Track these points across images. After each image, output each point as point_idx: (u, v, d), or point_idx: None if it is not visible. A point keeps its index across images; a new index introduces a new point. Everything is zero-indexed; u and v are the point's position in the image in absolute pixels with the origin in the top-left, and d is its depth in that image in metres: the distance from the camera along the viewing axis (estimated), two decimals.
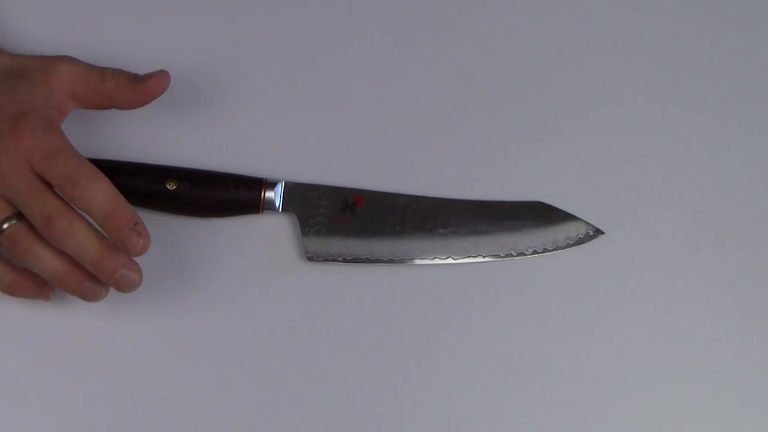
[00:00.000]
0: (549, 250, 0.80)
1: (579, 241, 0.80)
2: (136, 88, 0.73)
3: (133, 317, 0.77)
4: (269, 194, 0.78)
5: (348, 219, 0.79)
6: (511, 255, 0.79)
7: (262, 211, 0.78)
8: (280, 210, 0.78)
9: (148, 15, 0.82)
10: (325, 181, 0.80)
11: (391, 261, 0.79)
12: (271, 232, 0.79)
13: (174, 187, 0.77)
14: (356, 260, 0.78)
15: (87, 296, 0.72)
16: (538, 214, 0.80)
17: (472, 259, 0.79)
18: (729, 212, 0.82)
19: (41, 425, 0.75)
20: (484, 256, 0.79)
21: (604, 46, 0.84)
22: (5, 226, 0.70)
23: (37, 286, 0.73)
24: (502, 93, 0.83)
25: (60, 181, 0.69)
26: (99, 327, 0.77)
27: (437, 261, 0.79)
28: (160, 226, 0.78)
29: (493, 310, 0.79)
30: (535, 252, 0.80)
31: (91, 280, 0.72)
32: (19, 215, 0.70)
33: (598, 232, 0.80)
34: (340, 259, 0.78)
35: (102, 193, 0.69)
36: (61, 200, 0.70)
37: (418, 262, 0.79)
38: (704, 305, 0.80)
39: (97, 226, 0.70)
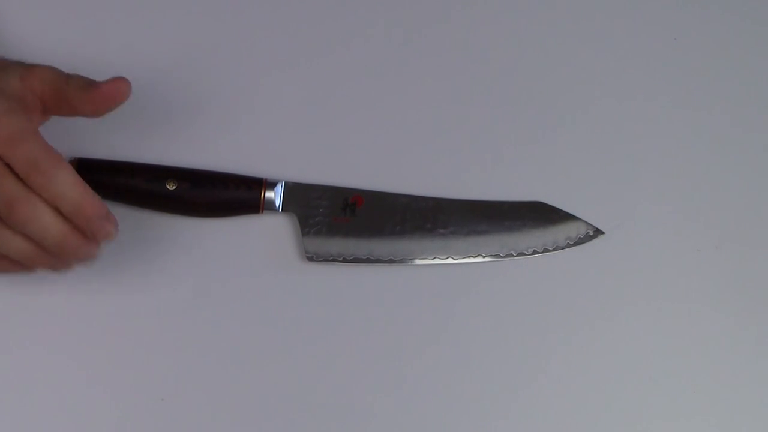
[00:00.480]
0: (549, 250, 0.80)
1: (579, 241, 0.80)
2: (92, 93, 0.71)
3: (133, 317, 0.77)
4: (269, 194, 0.78)
5: (348, 219, 0.79)
6: (511, 255, 0.79)
7: (262, 211, 0.78)
8: (280, 210, 0.78)
9: (147, 15, 0.82)
10: (325, 181, 0.80)
11: (391, 261, 0.79)
12: (271, 232, 0.79)
13: (174, 187, 0.77)
14: (356, 260, 0.78)
15: (57, 269, 0.72)
16: (538, 214, 0.80)
17: (472, 259, 0.79)
18: (729, 212, 0.82)
19: (40, 425, 0.75)
20: (484, 256, 0.79)
21: (604, 46, 0.84)
22: None
23: (13, 263, 0.72)
24: (502, 93, 0.83)
25: (24, 168, 0.68)
26: (99, 327, 0.77)
27: (437, 261, 0.79)
28: (160, 226, 0.78)
29: (493, 310, 0.79)
30: (535, 252, 0.80)
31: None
32: None
33: (598, 232, 0.80)
34: (340, 259, 0.78)
35: (69, 182, 0.68)
36: (23, 185, 0.68)
37: (418, 262, 0.79)
38: (704, 305, 0.80)
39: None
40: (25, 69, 0.72)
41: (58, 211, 0.69)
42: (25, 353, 0.76)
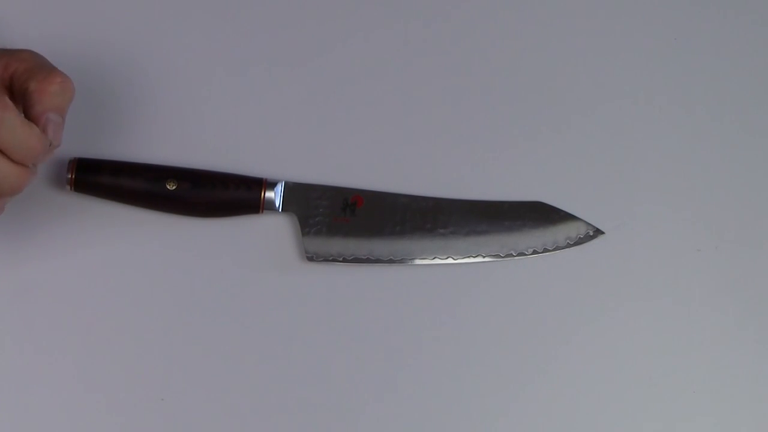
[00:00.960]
0: (549, 250, 0.80)
1: (579, 241, 0.80)
2: (43, 121, 0.68)
3: (133, 317, 0.77)
4: (269, 194, 0.78)
5: (348, 219, 0.79)
6: (511, 255, 0.79)
7: (262, 211, 0.78)
8: (280, 210, 0.78)
9: (146, 14, 0.82)
10: (325, 181, 0.80)
11: (391, 261, 0.79)
12: (271, 232, 0.79)
13: (174, 187, 0.77)
14: (356, 260, 0.78)
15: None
16: (538, 214, 0.80)
17: (472, 259, 0.79)
18: (729, 212, 0.82)
19: (40, 426, 0.75)
20: (484, 256, 0.79)
21: (604, 46, 0.84)
22: None
23: None
24: (503, 93, 0.83)
25: None
26: (98, 327, 0.77)
27: (437, 261, 0.79)
28: (160, 226, 0.78)
29: (493, 310, 0.79)
30: (535, 252, 0.79)
31: None
32: None
33: (598, 232, 0.80)
34: (340, 259, 0.78)
35: (18, 127, 0.66)
36: None
37: (418, 262, 0.79)
38: (704, 305, 0.80)
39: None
40: (7, 51, 0.70)
41: (5, 154, 0.67)
42: (25, 353, 0.76)
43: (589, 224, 0.80)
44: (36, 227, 0.78)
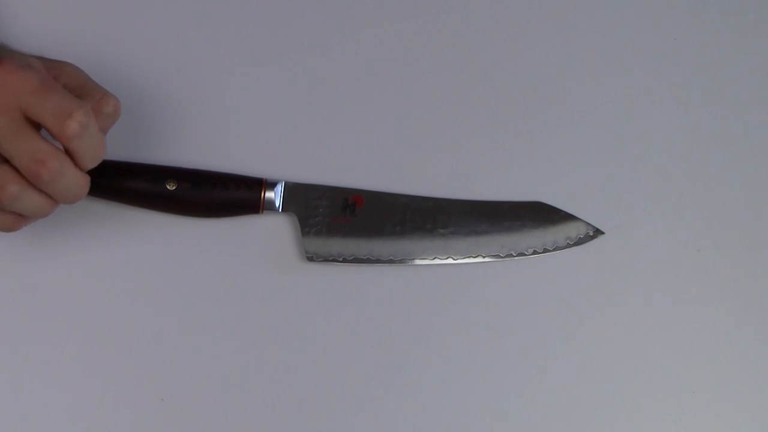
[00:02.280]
0: (549, 250, 0.80)
1: (579, 241, 0.80)
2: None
3: (132, 317, 0.77)
4: (269, 194, 0.78)
5: (348, 219, 0.79)
6: (511, 255, 0.79)
7: (262, 212, 0.78)
8: (280, 210, 0.78)
9: (147, 15, 0.82)
10: (325, 181, 0.80)
11: (391, 261, 0.79)
12: (271, 232, 0.79)
13: (174, 187, 0.77)
14: (356, 260, 0.78)
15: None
16: (538, 214, 0.80)
17: (472, 259, 0.79)
18: (729, 212, 0.82)
19: (39, 425, 0.75)
20: (484, 256, 0.79)
21: (604, 46, 0.84)
22: None
23: (10, 222, 0.71)
24: (503, 93, 0.83)
25: (53, 117, 0.66)
26: (98, 327, 0.77)
27: (437, 261, 0.79)
28: (160, 226, 0.78)
29: (493, 310, 0.79)
30: (535, 252, 0.80)
31: None
32: (2, 159, 0.67)
33: (598, 232, 0.80)
34: (340, 259, 0.78)
35: (96, 132, 0.68)
36: (48, 142, 0.67)
37: (418, 262, 0.79)
38: (704, 305, 0.80)
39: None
40: (50, 61, 0.71)
41: (74, 161, 0.68)
42: (25, 353, 0.76)
43: (589, 224, 0.80)
44: (35, 227, 0.77)
